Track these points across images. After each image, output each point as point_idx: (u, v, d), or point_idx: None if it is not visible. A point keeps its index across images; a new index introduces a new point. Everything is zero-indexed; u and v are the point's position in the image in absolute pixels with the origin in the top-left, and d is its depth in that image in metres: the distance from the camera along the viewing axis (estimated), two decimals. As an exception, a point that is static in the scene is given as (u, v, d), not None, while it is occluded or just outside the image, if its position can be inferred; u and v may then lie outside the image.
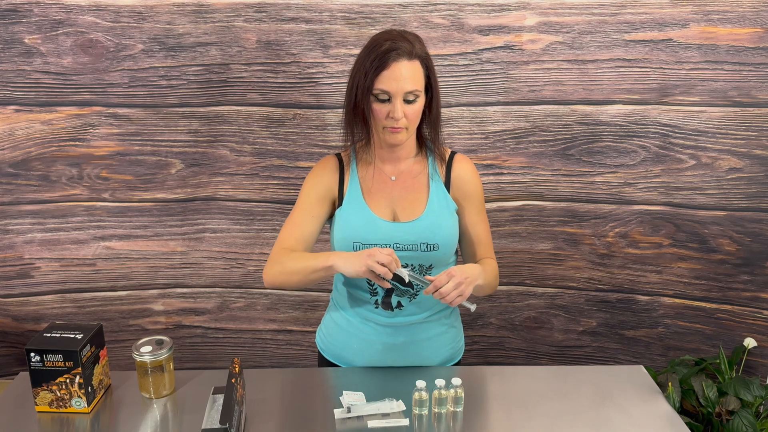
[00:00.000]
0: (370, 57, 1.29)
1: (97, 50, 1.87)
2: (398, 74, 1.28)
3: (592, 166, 2.02)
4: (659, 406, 1.40)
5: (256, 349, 2.28)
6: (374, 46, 1.30)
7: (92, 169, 2.01)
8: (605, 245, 2.11)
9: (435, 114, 1.40)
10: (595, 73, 1.92)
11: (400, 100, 1.30)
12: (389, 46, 1.28)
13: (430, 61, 1.34)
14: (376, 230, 1.39)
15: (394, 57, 1.27)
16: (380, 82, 1.28)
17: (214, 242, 2.12)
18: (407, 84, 1.29)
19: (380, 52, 1.28)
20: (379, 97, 1.30)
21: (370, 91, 1.30)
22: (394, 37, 1.30)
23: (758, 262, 2.05)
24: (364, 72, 1.29)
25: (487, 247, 1.51)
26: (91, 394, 1.35)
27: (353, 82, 1.34)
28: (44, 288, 2.14)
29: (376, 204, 1.42)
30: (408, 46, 1.29)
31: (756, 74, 1.88)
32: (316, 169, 1.47)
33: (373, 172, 1.44)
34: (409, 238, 1.39)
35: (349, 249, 1.39)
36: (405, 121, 1.32)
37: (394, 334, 1.46)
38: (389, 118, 1.31)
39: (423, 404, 1.33)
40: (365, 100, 1.31)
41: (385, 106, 1.31)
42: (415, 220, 1.40)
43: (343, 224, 1.42)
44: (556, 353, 2.28)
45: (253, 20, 1.86)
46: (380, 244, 1.38)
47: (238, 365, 1.31)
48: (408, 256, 1.39)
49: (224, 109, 1.96)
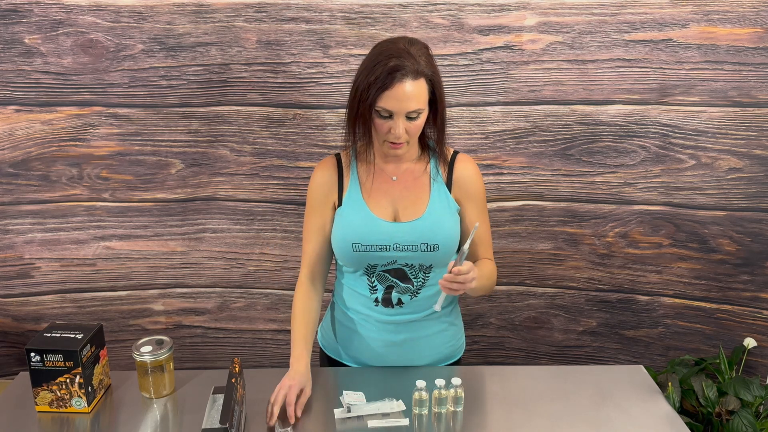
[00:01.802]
0: (375, 72, 1.26)
1: (97, 50, 1.87)
2: (401, 95, 1.26)
3: (592, 166, 2.02)
4: (659, 406, 1.40)
5: (256, 349, 2.28)
6: (380, 60, 1.26)
7: (92, 169, 2.01)
8: (605, 245, 2.11)
9: (440, 124, 1.38)
10: (595, 73, 1.92)
11: (402, 118, 1.29)
12: (395, 65, 1.25)
13: (436, 77, 1.31)
14: (376, 230, 1.39)
15: (399, 78, 1.25)
16: (383, 101, 1.27)
17: (214, 242, 2.12)
18: (410, 104, 1.27)
19: (385, 69, 1.25)
20: (381, 114, 1.29)
21: (373, 107, 1.28)
22: (400, 53, 1.26)
23: (758, 262, 2.05)
24: (367, 85, 1.27)
25: (487, 247, 1.51)
26: (91, 394, 1.35)
27: (356, 93, 1.31)
28: (44, 288, 2.14)
29: (376, 204, 1.42)
30: (413, 65, 1.26)
31: (756, 74, 1.87)
32: (314, 175, 1.47)
33: (374, 172, 1.44)
34: (409, 238, 1.38)
35: (348, 250, 1.40)
36: (406, 137, 1.32)
37: (395, 332, 1.46)
38: (390, 134, 1.31)
39: (423, 404, 1.33)
40: (367, 115, 1.30)
41: (387, 122, 1.30)
42: (416, 220, 1.40)
43: (342, 224, 1.42)
44: (556, 353, 2.28)
45: (253, 20, 1.86)
46: (379, 244, 1.38)
47: (238, 365, 1.31)
48: (408, 256, 1.39)
49: (224, 109, 1.96)
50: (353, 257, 1.40)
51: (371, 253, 1.39)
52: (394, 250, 1.39)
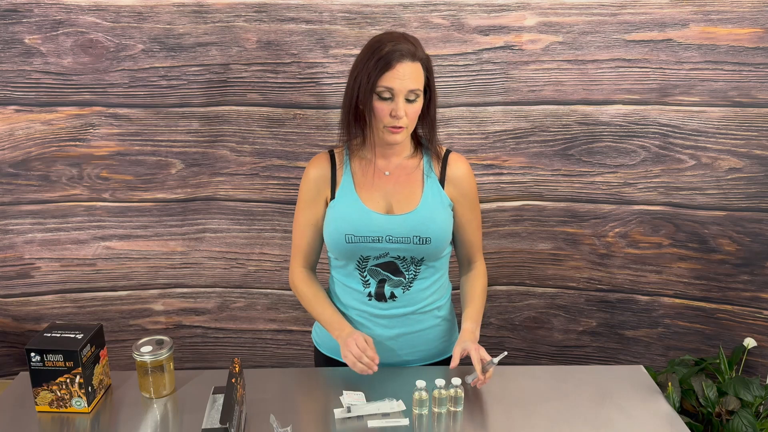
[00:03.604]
0: (374, 57, 1.32)
1: (97, 50, 1.87)
2: (402, 73, 1.31)
3: (592, 166, 2.02)
4: (659, 406, 1.40)
5: (256, 349, 2.28)
6: (377, 47, 1.32)
7: (92, 169, 2.01)
8: (605, 245, 2.11)
9: (432, 115, 1.43)
10: (595, 73, 1.92)
11: (402, 98, 1.33)
12: (393, 47, 1.31)
13: (430, 64, 1.38)
14: (369, 222, 1.41)
15: (398, 57, 1.31)
16: (384, 81, 1.31)
17: (214, 242, 2.12)
18: (410, 83, 1.32)
19: (385, 52, 1.31)
20: (382, 95, 1.33)
21: (374, 89, 1.32)
22: (396, 39, 1.33)
23: (758, 262, 2.05)
24: (367, 72, 1.32)
25: (478, 246, 1.56)
26: (91, 394, 1.35)
27: (354, 82, 1.36)
28: (44, 288, 2.14)
29: (369, 197, 1.44)
30: (411, 48, 1.33)
31: (756, 74, 1.87)
32: (307, 171, 1.49)
33: (367, 167, 1.46)
34: (401, 230, 1.41)
35: (340, 241, 1.42)
36: (406, 120, 1.35)
37: (389, 326, 1.49)
38: (391, 117, 1.34)
39: (423, 404, 1.33)
40: (367, 100, 1.33)
41: (388, 104, 1.33)
42: (409, 213, 1.42)
43: (335, 216, 1.44)
44: (556, 353, 2.28)
45: (253, 20, 1.86)
46: (372, 236, 1.41)
47: (238, 365, 1.31)
48: (400, 249, 1.42)
49: (224, 109, 1.96)
50: (346, 249, 1.43)
51: (364, 245, 1.41)
52: (387, 242, 1.41)
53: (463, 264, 1.59)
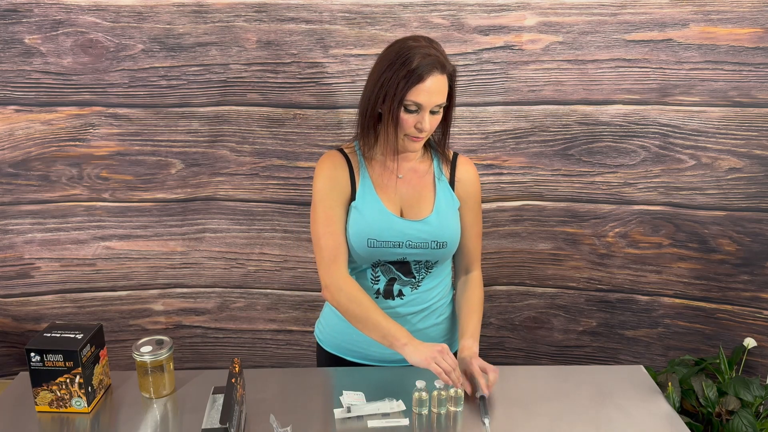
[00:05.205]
0: (403, 68, 1.29)
1: (97, 50, 1.87)
2: (432, 88, 1.30)
3: (592, 166, 2.02)
4: (659, 406, 1.40)
5: (256, 349, 2.28)
6: (407, 58, 1.29)
7: (92, 169, 2.01)
8: (605, 245, 2.11)
9: (449, 122, 1.43)
10: (595, 73, 1.92)
11: (428, 111, 1.33)
12: (422, 60, 1.28)
13: (455, 74, 1.37)
14: (390, 226, 1.41)
15: (429, 71, 1.29)
16: (412, 95, 1.30)
17: (214, 242, 2.12)
18: (438, 98, 1.32)
19: (415, 65, 1.28)
20: (408, 108, 1.32)
21: (402, 103, 1.31)
22: (427, 49, 1.30)
23: (758, 262, 2.05)
24: (395, 83, 1.30)
25: (476, 254, 1.56)
26: (91, 394, 1.35)
27: (379, 89, 1.33)
28: (44, 288, 2.14)
29: (388, 200, 1.44)
30: (440, 59, 1.31)
31: (756, 74, 1.87)
32: (324, 169, 1.44)
33: (383, 169, 1.46)
34: (420, 235, 1.41)
35: (362, 245, 1.41)
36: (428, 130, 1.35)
37: None
38: (415, 128, 1.34)
39: (423, 404, 1.33)
40: (393, 111, 1.32)
41: (414, 116, 1.33)
42: (426, 218, 1.43)
43: (358, 218, 1.42)
44: (556, 353, 2.28)
45: (253, 20, 1.86)
46: (393, 240, 1.40)
47: (238, 365, 1.31)
48: (418, 253, 1.42)
49: (224, 109, 1.96)
50: (367, 252, 1.42)
51: (384, 249, 1.41)
52: (407, 247, 1.41)
53: (459, 270, 1.58)
